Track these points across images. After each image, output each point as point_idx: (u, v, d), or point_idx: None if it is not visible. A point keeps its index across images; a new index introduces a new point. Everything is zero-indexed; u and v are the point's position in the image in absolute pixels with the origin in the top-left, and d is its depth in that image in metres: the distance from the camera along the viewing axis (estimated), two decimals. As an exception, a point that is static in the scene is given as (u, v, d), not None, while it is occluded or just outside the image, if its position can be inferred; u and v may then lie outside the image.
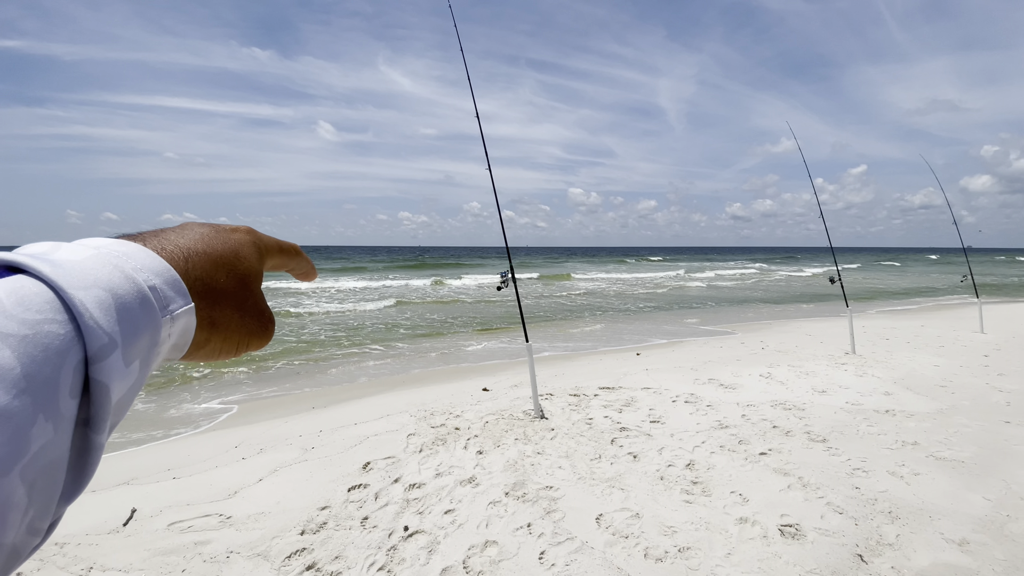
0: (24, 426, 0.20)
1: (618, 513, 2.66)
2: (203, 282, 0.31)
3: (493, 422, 4.01)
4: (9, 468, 0.19)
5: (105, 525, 2.68)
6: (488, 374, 6.02)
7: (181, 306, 0.28)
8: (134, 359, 0.25)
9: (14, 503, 0.20)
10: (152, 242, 0.30)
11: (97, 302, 0.24)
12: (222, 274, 0.33)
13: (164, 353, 0.29)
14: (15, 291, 0.22)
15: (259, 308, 0.36)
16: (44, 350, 0.21)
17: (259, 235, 0.39)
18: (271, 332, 0.38)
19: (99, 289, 0.24)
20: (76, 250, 0.26)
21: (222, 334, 0.33)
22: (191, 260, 0.31)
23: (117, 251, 0.27)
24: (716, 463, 3.27)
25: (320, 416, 4.60)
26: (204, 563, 2.33)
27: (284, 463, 3.41)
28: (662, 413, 4.16)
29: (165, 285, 0.28)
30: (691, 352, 6.93)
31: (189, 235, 0.33)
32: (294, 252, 0.42)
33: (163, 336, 0.28)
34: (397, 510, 2.75)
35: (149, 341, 0.26)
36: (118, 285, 0.25)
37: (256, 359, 7.05)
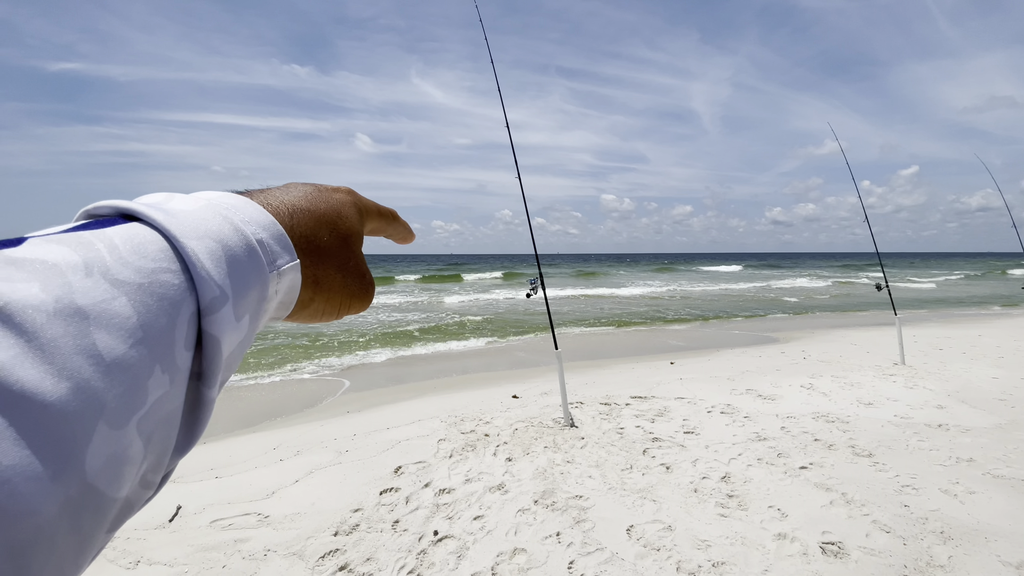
0: (142, 377, 0.19)
1: (650, 525, 2.61)
2: (307, 239, 0.31)
3: (523, 429, 4.00)
4: (126, 420, 0.19)
5: (152, 520, 2.81)
6: (518, 381, 6.02)
7: (288, 262, 0.28)
8: (244, 313, 0.25)
9: (130, 456, 0.19)
10: (259, 197, 0.30)
11: (209, 253, 0.23)
12: (325, 232, 0.32)
13: (271, 311, 0.29)
14: (131, 238, 0.22)
15: (360, 270, 0.36)
16: (159, 300, 0.21)
17: (360, 196, 0.38)
18: (371, 295, 0.37)
19: (211, 240, 0.24)
20: (189, 201, 0.26)
21: (325, 294, 0.33)
22: (296, 217, 0.31)
23: (226, 203, 0.27)
24: (753, 476, 3.17)
25: (354, 420, 4.70)
26: (243, 560, 2.41)
27: (319, 465, 3.50)
28: (696, 424, 4.06)
29: (272, 240, 0.28)
30: (728, 361, 6.74)
31: (294, 192, 0.33)
32: (392, 216, 0.42)
33: (271, 292, 0.27)
34: (427, 514, 2.77)
35: (258, 295, 0.26)
36: (228, 237, 0.25)
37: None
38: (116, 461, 0.19)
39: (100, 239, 0.21)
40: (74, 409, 0.17)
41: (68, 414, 0.17)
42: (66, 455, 0.17)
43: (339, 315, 0.35)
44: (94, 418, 0.18)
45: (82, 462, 0.17)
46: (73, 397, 0.17)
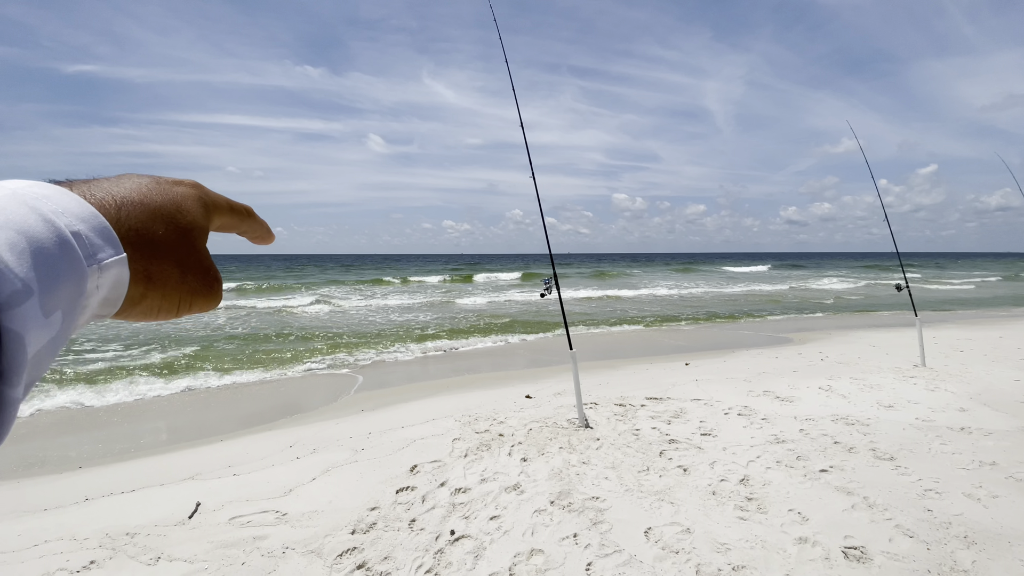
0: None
1: (668, 527, 2.59)
2: (138, 232, 0.29)
3: (537, 430, 3.99)
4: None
5: (172, 517, 2.85)
6: (530, 381, 6.00)
7: (111, 255, 0.27)
8: (55, 309, 0.23)
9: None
10: (80, 188, 0.29)
11: (8, 244, 0.22)
12: (160, 226, 0.31)
13: (94, 307, 0.27)
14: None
15: (204, 265, 0.34)
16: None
17: (206, 190, 0.36)
18: (217, 292, 0.36)
19: (10, 231, 0.22)
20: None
21: (160, 290, 0.31)
22: (124, 209, 0.29)
23: (36, 193, 0.25)
24: (772, 479, 3.13)
25: (369, 418, 4.72)
26: (262, 557, 2.43)
27: (335, 463, 3.52)
28: (713, 426, 4.01)
29: (92, 232, 0.26)
30: (744, 363, 6.67)
31: (126, 184, 0.31)
32: (246, 213, 0.40)
33: (90, 287, 0.26)
34: (443, 514, 2.78)
35: (73, 291, 0.24)
36: (33, 227, 0.23)
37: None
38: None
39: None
40: None
41: None
42: None
43: (179, 313, 0.34)
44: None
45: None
46: None
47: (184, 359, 7.70)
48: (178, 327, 10.67)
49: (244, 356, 7.95)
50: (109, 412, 5.25)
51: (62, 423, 4.94)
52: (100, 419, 5.04)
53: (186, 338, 9.49)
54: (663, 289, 22.29)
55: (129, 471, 3.65)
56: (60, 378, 6.36)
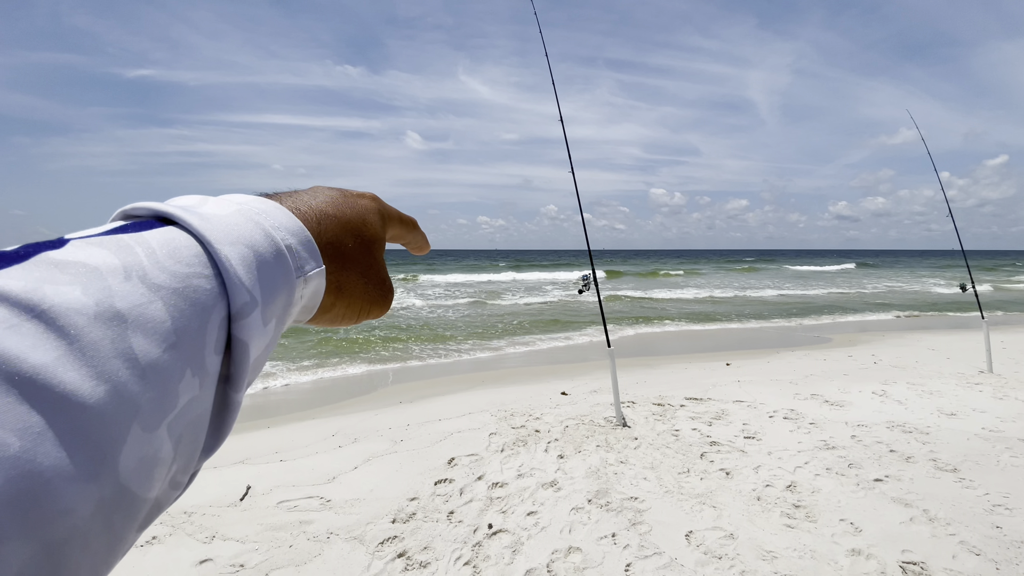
0: (173, 380, 0.20)
1: (710, 532, 2.52)
2: (333, 246, 0.31)
3: (573, 427, 3.96)
4: (158, 423, 0.19)
5: (225, 499, 2.99)
6: (566, 377, 5.97)
7: (314, 268, 0.28)
8: (271, 318, 0.25)
9: (161, 458, 0.20)
10: (288, 202, 0.31)
11: (241, 259, 0.24)
12: (350, 239, 0.33)
13: (295, 315, 0.29)
14: (167, 242, 0.22)
15: (381, 276, 0.36)
16: (192, 304, 0.21)
17: (383, 203, 0.38)
18: (390, 301, 0.37)
19: (243, 246, 0.24)
20: (222, 205, 0.26)
21: (347, 299, 0.33)
22: (323, 222, 0.31)
23: (258, 208, 0.27)
24: (822, 487, 3.00)
25: (407, 410, 4.81)
26: (308, 541, 2.52)
27: (376, 453, 3.60)
28: (758, 429, 3.88)
29: (300, 246, 0.28)
30: (789, 364, 6.41)
31: (321, 197, 0.33)
32: (413, 225, 0.42)
33: (296, 297, 0.28)
34: (481, 507, 2.80)
35: (285, 300, 0.26)
36: (259, 243, 0.25)
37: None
38: (148, 463, 0.19)
39: (138, 243, 0.21)
40: (111, 412, 0.18)
41: (105, 417, 0.17)
42: (102, 457, 0.17)
43: (358, 320, 0.36)
44: (128, 421, 0.18)
45: (116, 464, 0.18)
46: (110, 400, 0.18)
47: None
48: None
49: (307, 347, 8.26)
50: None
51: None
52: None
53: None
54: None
55: (185, 453, 3.85)
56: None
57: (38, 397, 0.16)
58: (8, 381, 0.15)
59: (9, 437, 0.15)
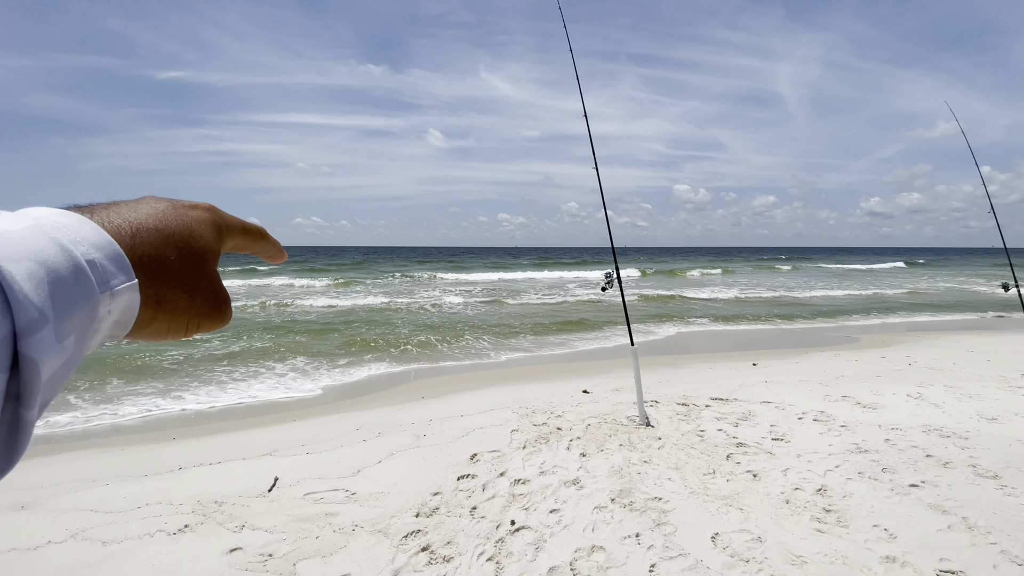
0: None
1: (737, 534, 2.47)
2: (150, 258, 0.30)
3: (595, 425, 3.94)
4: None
5: (254, 490, 3.06)
6: (587, 376, 5.93)
7: (123, 282, 0.27)
8: (68, 334, 0.24)
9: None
10: (100, 215, 0.30)
11: (28, 275, 0.23)
12: (172, 251, 0.32)
13: (106, 330, 0.28)
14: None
15: (212, 288, 0.35)
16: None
17: (221, 213, 0.37)
18: (226, 314, 0.36)
19: (31, 261, 0.23)
20: (14, 220, 0.25)
21: (169, 313, 0.32)
22: (139, 235, 0.30)
23: (57, 223, 0.26)
24: (853, 491, 2.91)
25: (429, 406, 4.85)
26: (334, 533, 2.56)
27: (399, 448, 3.64)
28: (786, 431, 3.79)
29: (106, 260, 0.27)
30: (818, 365, 6.25)
31: (143, 209, 0.32)
32: (259, 234, 0.41)
33: (102, 312, 0.27)
34: (503, 504, 2.80)
35: (86, 317, 0.25)
36: (52, 258, 0.24)
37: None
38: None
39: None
40: None
41: None
42: None
43: (187, 333, 0.35)
44: None
45: None
46: None
47: (255, 350, 8.26)
48: (252, 319, 11.43)
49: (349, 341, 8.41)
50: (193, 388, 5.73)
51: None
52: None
53: (264, 325, 10.16)
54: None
55: (214, 445, 3.95)
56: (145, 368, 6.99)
57: None
58: None
59: None
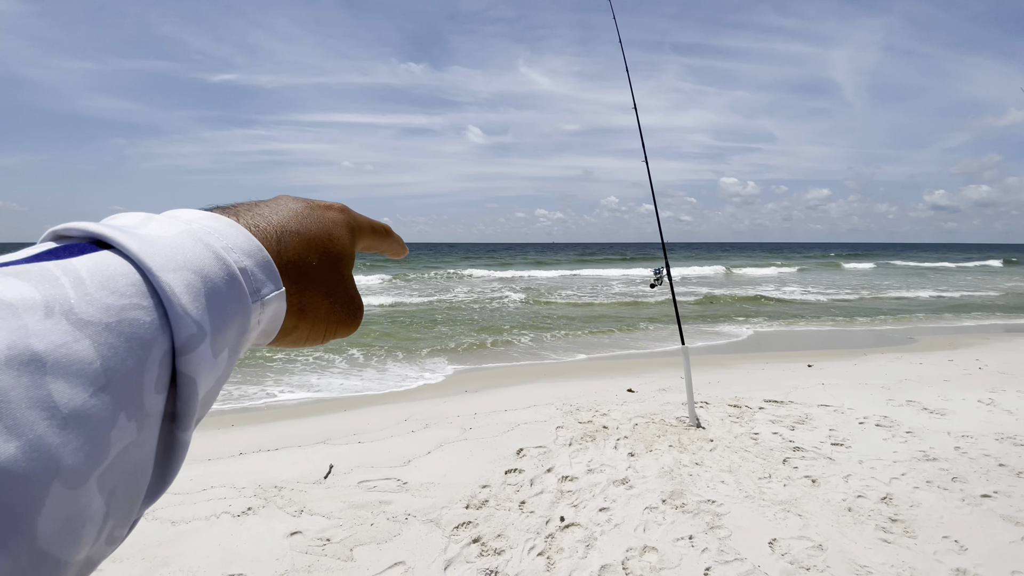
0: (104, 428, 0.18)
1: (796, 541, 2.39)
2: (295, 265, 0.29)
3: (643, 425, 3.88)
4: (85, 477, 0.17)
5: (310, 476, 3.19)
6: (630, 374, 5.86)
7: (272, 291, 0.26)
8: (223, 348, 0.23)
9: (90, 515, 0.17)
10: (245, 217, 0.28)
11: (187, 286, 0.21)
12: (315, 256, 0.30)
13: (252, 340, 0.27)
14: (100, 270, 0.20)
15: (349, 295, 0.33)
16: (128, 340, 0.19)
17: (352, 213, 0.36)
18: (359, 320, 0.35)
19: (189, 271, 0.22)
20: (168, 225, 0.24)
21: (310, 321, 0.31)
22: (284, 240, 0.29)
23: (209, 227, 0.25)
24: (921, 500, 2.76)
25: (472, 399, 4.92)
26: (387, 521, 2.64)
27: (447, 440, 3.71)
28: (847, 435, 3.63)
29: (256, 268, 0.25)
30: (879, 367, 5.94)
31: (283, 211, 0.30)
32: (385, 232, 0.39)
33: (252, 323, 0.25)
34: (552, 499, 2.81)
35: (239, 329, 0.24)
36: (207, 267, 0.23)
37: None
38: (73, 523, 0.17)
39: (65, 272, 0.19)
40: (24, 471, 0.15)
41: (17, 477, 0.15)
42: (13, 524, 0.15)
43: (324, 340, 0.33)
44: (47, 479, 0.16)
45: (33, 528, 0.15)
46: (23, 457, 0.15)
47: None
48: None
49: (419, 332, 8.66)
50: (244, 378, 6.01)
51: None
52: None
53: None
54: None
55: (271, 432, 4.14)
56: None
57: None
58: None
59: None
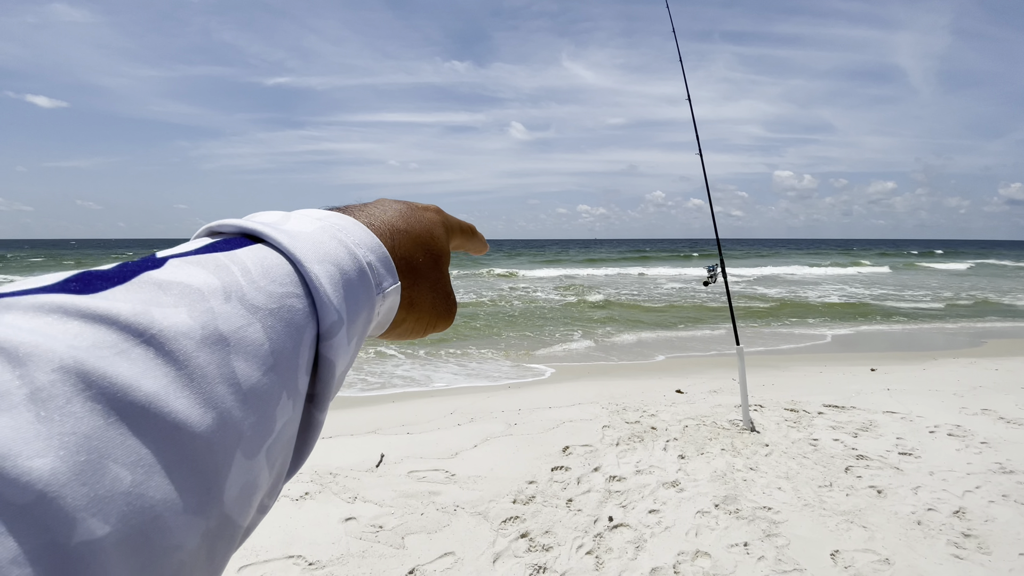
0: (272, 404, 0.19)
1: (860, 553, 2.27)
2: (406, 261, 0.31)
3: (693, 428, 3.79)
4: (258, 449, 0.19)
5: (363, 464, 3.30)
6: (679, 374, 5.72)
7: (391, 284, 0.28)
8: (354, 336, 0.25)
9: (259, 484, 0.19)
10: (361, 216, 0.30)
11: (329, 277, 0.23)
12: (420, 253, 0.32)
13: (370, 331, 0.29)
14: (260, 261, 0.22)
15: (447, 290, 0.35)
16: (287, 325, 0.21)
17: (445, 215, 0.38)
18: (454, 314, 0.37)
19: (330, 264, 0.24)
20: (304, 221, 0.26)
21: (416, 314, 0.33)
22: (396, 237, 0.31)
23: (338, 224, 0.27)
24: (997, 515, 2.57)
25: (516, 395, 4.94)
26: (437, 511, 2.70)
27: (492, 434, 3.75)
28: (915, 445, 3.41)
29: (378, 262, 0.27)
30: (951, 372, 5.54)
31: (391, 212, 0.32)
32: (472, 232, 0.42)
33: (375, 314, 0.27)
34: (600, 499, 2.79)
35: (366, 319, 0.26)
36: (343, 260, 0.25)
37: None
38: (248, 490, 0.18)
39: (233, 262, 0.21)
40: (218, 440, 0.17)
41: (213, 445, 0.17)
42: (208, 487, 0.17)
43: (424, 334, 0.35)
44: (233, 448, 0.18)
45: (221, 493, 0.17)
46: (217, 428, 0.17)
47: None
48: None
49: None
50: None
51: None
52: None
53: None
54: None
55: (326, 421, 4.31)
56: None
57: (149, 427, 0.15)
58: (120, 411, 0.15)
59: (121, 471, 0.14)
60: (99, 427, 0.14)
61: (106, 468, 0.14)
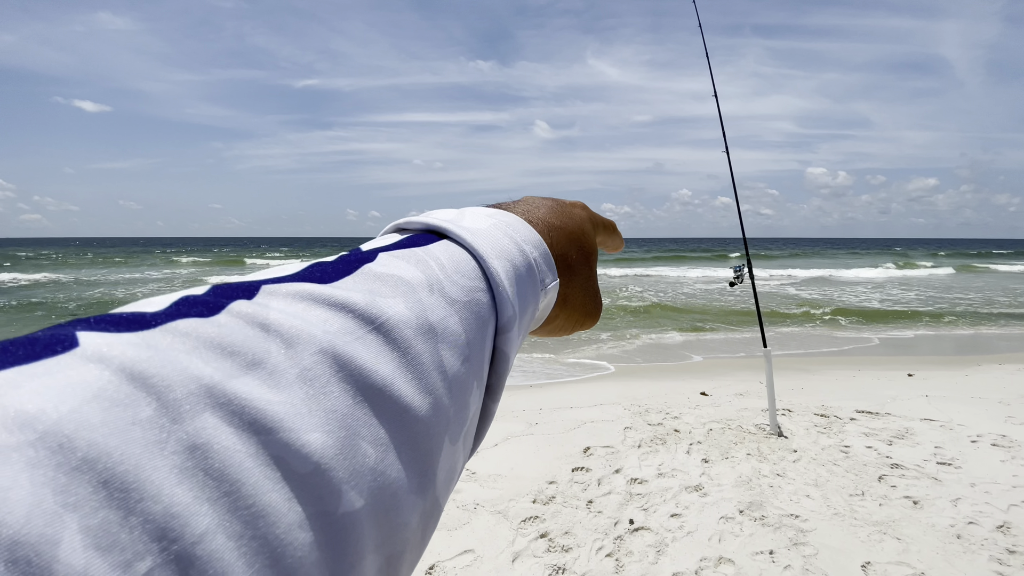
0: (467, 393, 0.20)
1: (894, 567, 2.18)
2: (562, 258, 0.31)
3: (718, 431, 3.70)
4: (459, 434, 0.20)
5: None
6: (703, 376, 5.60)
7: (552, 281, 0.28)
8: (523, 331, 0.25)
9: (458, 469, 0.20)
10: (520, 214, 0.30)
11: (505, 273, 0.24)
12: (574, 250, 0.32)
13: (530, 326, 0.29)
14: (451, 257, 0.23)
15: (595, 288, 0.35)
16: (477, 318, 0.21)
17: (591, 211, 0.37)
18: (600, 314, 0.36)
19: (506, 260, 0.24)
20: (478, 218, 0.26)
21: (568, 311, 0.32)
22: (552, 234, 0.30)
23: (506, 222, 0.27)
24: (1048, 534, 2.42)
25: (537, 394, 4.92)
26: (457, 508, 2.71)
27: (513, 433, 3.74)
28: (956, 454, 3.25)
29: (541, 259, 0.27)
30: (996, 379, 5.27)
31: (543, 209, 0.32)
32: (613, 228, 0.41)
33: (538, 310, 0.28)
34: (621, 501, 2.76)
35: (531, 313, 0.26)
36: (515, 256, 0.25)
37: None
38: (450, 474, 0.19)
39: (430, 256, 0.22)
40: (433, 424, 0.18)
41: (430, 429, 0.18)
42: (426, 469, 0.17)
43: (571, 331, 0.35)
44: (443, 433, 0.18)
45: (435, 476, 0.18)
46: (433, 412, 0.18)
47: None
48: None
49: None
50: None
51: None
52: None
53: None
54: None
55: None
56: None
57: (385, 409, 0.16)
58: (364, 392, 0.16)
59: (369, 448, 0.15)
60: (350, 406, 0.15)
61: (358, 445, 0.15)
